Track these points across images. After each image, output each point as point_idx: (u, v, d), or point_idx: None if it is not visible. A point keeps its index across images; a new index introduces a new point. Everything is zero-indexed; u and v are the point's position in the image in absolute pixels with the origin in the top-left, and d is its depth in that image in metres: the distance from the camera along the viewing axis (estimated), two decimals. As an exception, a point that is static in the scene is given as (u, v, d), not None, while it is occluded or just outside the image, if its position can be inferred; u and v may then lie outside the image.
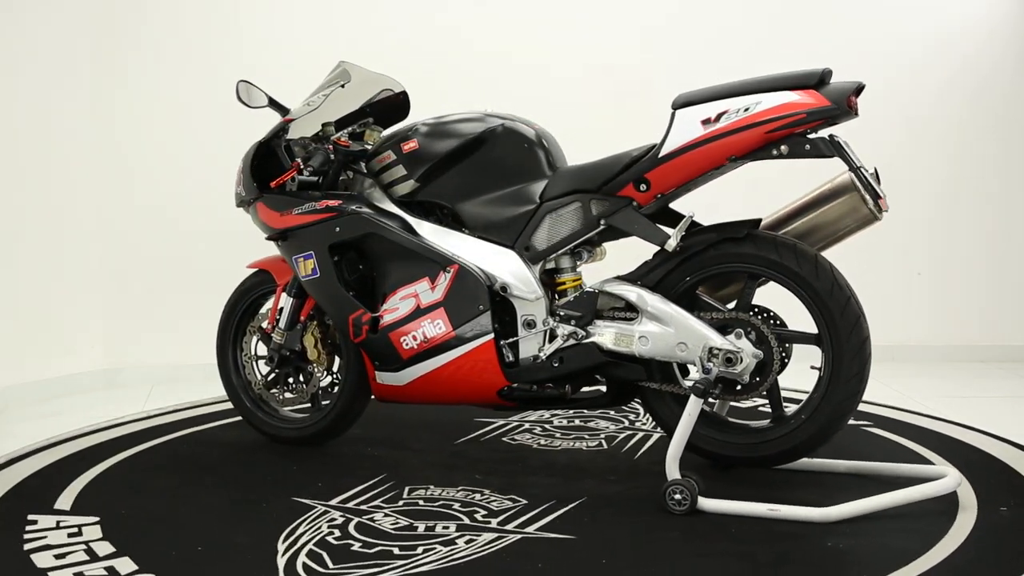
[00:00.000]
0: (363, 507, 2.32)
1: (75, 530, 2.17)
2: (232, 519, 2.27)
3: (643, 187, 2.39)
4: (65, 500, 2.39)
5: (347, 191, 2.75)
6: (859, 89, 2.25)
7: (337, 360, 2.85)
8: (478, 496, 2.40)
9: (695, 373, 2.39)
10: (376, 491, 2.44)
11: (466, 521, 2.22)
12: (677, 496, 2.23)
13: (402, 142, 2.64)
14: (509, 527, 2.18)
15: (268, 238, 2.79)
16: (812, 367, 2.39)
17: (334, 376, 2.85)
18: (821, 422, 2.33)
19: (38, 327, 3.78)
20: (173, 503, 2.38)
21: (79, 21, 3.89)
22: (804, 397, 2.42)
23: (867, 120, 4.27)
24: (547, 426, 3.09)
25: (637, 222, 2.42)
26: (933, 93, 4.24)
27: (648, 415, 3.15)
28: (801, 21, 4.23)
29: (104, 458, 2.79)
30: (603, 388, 2.59)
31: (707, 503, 2.23)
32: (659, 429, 2.98)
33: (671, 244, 2.37)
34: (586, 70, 4.19)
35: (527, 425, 3.10)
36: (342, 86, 2.73)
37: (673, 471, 2.28)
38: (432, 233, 2.60)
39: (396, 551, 2.03)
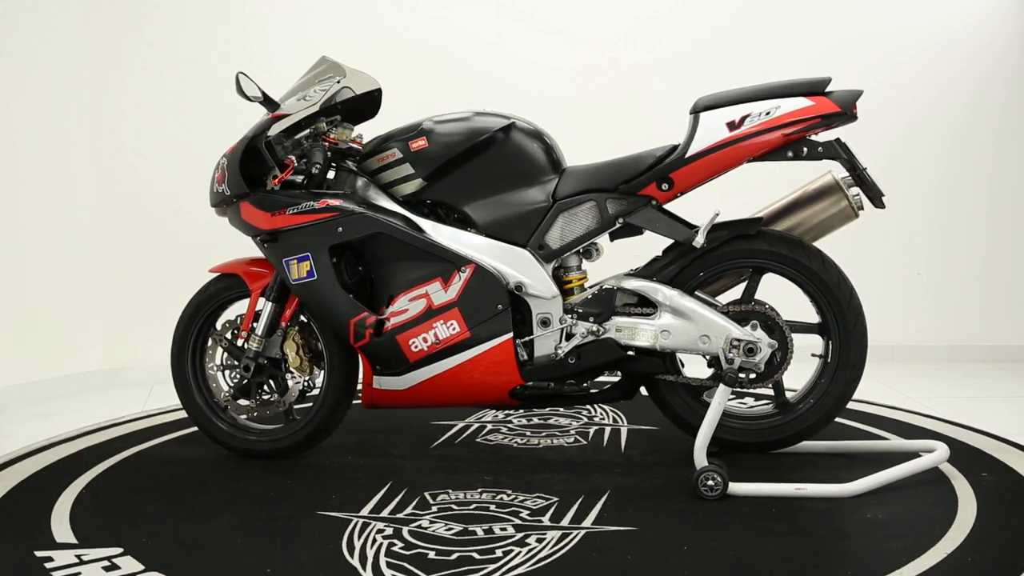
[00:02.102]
0: (400, 516, 2.27)
1: (106, 563, 2.02)
2: (272, 538, 2.15)
3: (665, 186, 2.50)
4: (62, 528, 2.23)
5: (330, 190, 2.65)
6: (859, 95, 2.47)
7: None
8: (505, 497, 2.39)
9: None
10: (398, 499, 2.38)
11: (517, 521, 2.22)
12: (710, 482, 2.33)
13: (410, 140, 2.60)
14: (564, 523, 2.20)
15: (263, 239, 2.64)
16: (813, 355, 2.62)
17: (306, 384, 2.74)
18: (828, 405, 2.56)
19: (38, 327, 3.78)
20: (189, 524, 2.24)
21: (79, 21, 3.90)
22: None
23: (867, 120, 4.28)
24: (509, 426, 3.08)
25: (659, 220, 2.54)
26: (933, 93, 4.24)
27: (620, 408, 3.24)
28: (800, 20, 4.22)
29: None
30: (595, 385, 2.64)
31: (736, 487, 2.35)
32: (626, 423, 3.11)
33: (698, 241, 2.48)
34: (584, 68, 4.19)
35: (489, 426, 3.08)
36: (338, 82, 2.62)
37: (701, 459, 2.39)
38: (442, 233, 2.57)
39: (476, 556, 2.01)
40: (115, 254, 4.01)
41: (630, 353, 2.54)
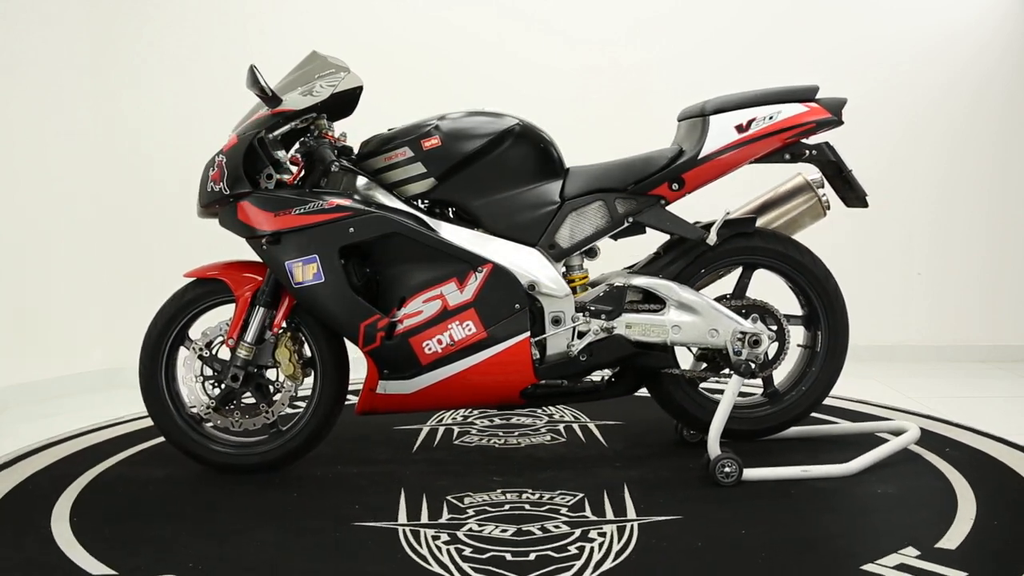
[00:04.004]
0: (442, 521, 2.22)
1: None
2: (331, 552, 2.05)
3: (675, 186, 2.60)
4: (65, 535, 2.15)
5: (325, 189, 2.56)
6: (845, 103, 2.65)
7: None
8: (530, 495, 2.40)
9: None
10: (425, 505, 2.33)
11: (563, 518, 2.23)
12: (727, 469, 2.44)
13: (421, 139, 2.55)
14: (608, 517, 2.24)
15: (267, 241, 2.51)
16: (799, 345, 2.78)
17: (294, 392, 2.61)
18: (819, 391, 2.73)
19: (38, 327, 3.78)
20: (226, 543, 2.11)
21: (79, 21, 3.90)
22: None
23: (867, 120, 4.29)
24: (476, 428, 3.07)
25: (669, 219, 2.62)
26: (933, 93, 4.24)
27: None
28: (800, 20, 4.22)
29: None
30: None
31: (749, 472, 2.47)
32: (589, 419, 3.15)
33: (712, 239, 2.58)
34: (584, 68, 4.19)
35: (456, 429, 3.05)
36: (342, 77, 2.53)
37: (716, 448, 2.48)
38: (455, 233, 2.54)
39: (553, 555, 2.01)
40: (115, 254, 4.01)
41: (654, 349, 2.62)
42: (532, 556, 2.01)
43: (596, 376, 2.68)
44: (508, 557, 2.01)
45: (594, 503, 2.32)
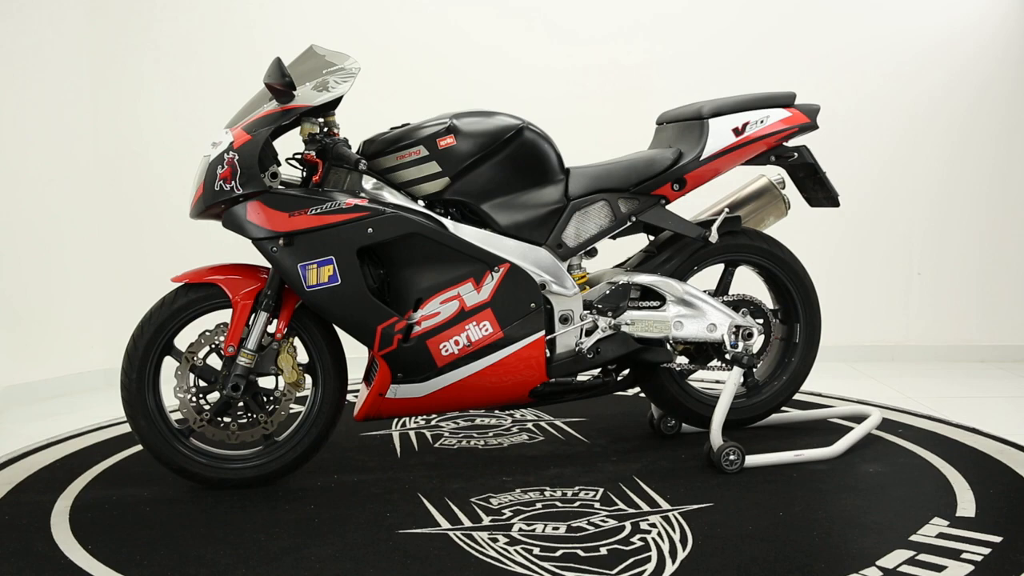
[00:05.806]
0: (488, 524, 2.20)
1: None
2: (401, 563, 1.98)
3: (677, 186, 2.69)
4: (95, 566, 1.99)
5: (326, 188, 2.47)
6: (819, 109, 2.82)
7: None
8: (549, 492, 2.42)
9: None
10: (457, 509, 2.30)
11: (603, 512, 2.26)
12: (732, 457, 2.55)
13: (437, 137, 2.51)
14: (644, 509, 2.29)
15: (282, 243, 2.40)
16: (777, 338, 2.92)
17: (289, 400, 2.52)
18: (797, 381, 2.90)
19: (38, 327, 3.78)
20: (289, 563, 1.99)
21: (79, 20, 3.90)
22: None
23: (867, 120, 4.28)
24: (449, 430, 3.06)
25: (671, 218, 2.70)
26: (933, 93, 4.24)
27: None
28: (801, 21, 4.22)
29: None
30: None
31: (750, 459, 2.58)
32: (554, 417, 3.19)
33: (713, 238, 2.69)
34: (584, 68, 4.19)
35: (427, 433, 3.03)
36: (353, 72, 2.45)
37: (719, 437, 2.57)
38: (470, 232, 2.51)
39: (623, 549, 2.03)
40: (115, 254, 4.01)
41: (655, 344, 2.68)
42: (603, 551, 2.02)
43: (594, 374, 2.70)
44: (581, 553, 2.01)
45: (623, 497, 2.36)
